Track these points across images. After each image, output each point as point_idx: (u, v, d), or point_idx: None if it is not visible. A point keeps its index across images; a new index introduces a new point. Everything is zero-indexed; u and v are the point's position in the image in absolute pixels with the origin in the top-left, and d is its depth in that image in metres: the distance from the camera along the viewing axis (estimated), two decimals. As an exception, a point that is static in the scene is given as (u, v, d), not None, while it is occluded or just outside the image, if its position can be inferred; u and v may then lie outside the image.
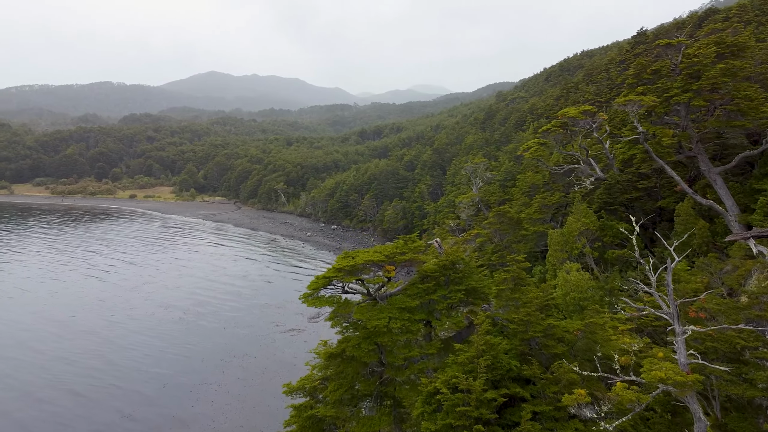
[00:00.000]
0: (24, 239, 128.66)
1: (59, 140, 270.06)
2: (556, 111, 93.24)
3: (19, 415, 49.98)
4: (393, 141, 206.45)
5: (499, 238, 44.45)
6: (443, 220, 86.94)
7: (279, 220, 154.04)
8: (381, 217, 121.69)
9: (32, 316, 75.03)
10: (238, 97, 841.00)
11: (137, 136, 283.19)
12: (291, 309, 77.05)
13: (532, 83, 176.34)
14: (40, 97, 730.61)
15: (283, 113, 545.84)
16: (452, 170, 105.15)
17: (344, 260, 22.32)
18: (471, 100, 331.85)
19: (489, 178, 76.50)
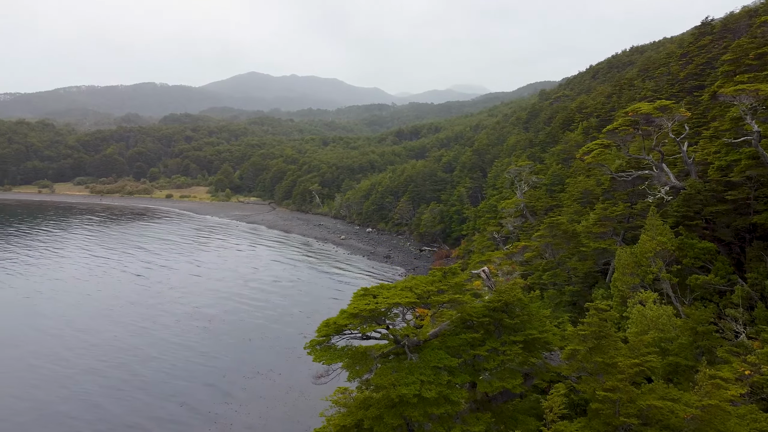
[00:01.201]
0: (64, 239, 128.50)
1: (100, 140, 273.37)
2: (608, 109, 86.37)
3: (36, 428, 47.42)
4: (431, 141, 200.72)
5: (551, 254, 38.73)
6: (484, 227, 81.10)
7: (313, 222, 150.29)
8: (417, 221, 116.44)
9: (63, 320, 73.17)
10: (278, 97, 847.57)
11: (175, 136, 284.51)
12: (319, 319, 70.87)
13: (578, 81, 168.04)
14: (87, 97, 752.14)
15: (321, 113, 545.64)
16: (493, 172, 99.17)
17: (362, 300, 17.21)
18: (511, 100, 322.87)
19: (534, 182, 70.43)
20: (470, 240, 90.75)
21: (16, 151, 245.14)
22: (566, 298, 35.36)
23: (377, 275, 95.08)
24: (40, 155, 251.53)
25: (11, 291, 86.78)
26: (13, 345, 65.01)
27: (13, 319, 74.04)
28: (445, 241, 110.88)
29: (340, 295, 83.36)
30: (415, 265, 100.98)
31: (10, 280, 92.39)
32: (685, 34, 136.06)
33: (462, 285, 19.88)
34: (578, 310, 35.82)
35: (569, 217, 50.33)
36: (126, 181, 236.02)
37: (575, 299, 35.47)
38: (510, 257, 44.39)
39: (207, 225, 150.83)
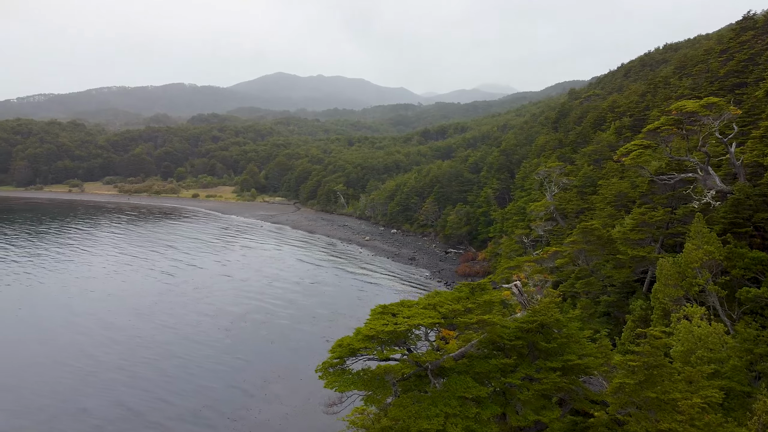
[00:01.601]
0: (94, 237, 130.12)
1: (129, 140, 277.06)
2: (642, 108, 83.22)
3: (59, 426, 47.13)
4: (457, 141, 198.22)
5: (584, 261, 36.55)
6: (512, 230, 78.83)
7: (337, 223, 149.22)
8: (443, 222, 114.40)
9: (91, 317, 73.41)
10: (304, 98, 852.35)
11: (202, 136, 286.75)
12: (343, 322, 71.16)
13: (609, 80, 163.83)
14: (118, 98, 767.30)
15: (347, 113, 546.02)
16: (522, 173, 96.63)
17: (379, 320, 15.53)
18: (539, 99, 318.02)
19: (565, 184, 67.89)
20: (497, 242, 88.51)
21: (47, 150, 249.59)
22: (601, 308, 33.22)
23: (402, 277, 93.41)
24: (71, 155, 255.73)
25: (43, 288, 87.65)
26: (42, 342, 65.01)
27: (43, 316, 74.34)
28: (471, 243, 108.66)
29: (364, 297, 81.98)
30: (441, 267, 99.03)
31: (43, 278, 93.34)
32: (723, 30, 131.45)
33: (492, 303, 18.00)
34: (614, 321, 33.65)
35: (603, 221, 47.95)
36: (153, 180, 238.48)
37: (611, 310, 33.32)
38: (540, 263, 42.29)
39: (232, 225, 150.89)
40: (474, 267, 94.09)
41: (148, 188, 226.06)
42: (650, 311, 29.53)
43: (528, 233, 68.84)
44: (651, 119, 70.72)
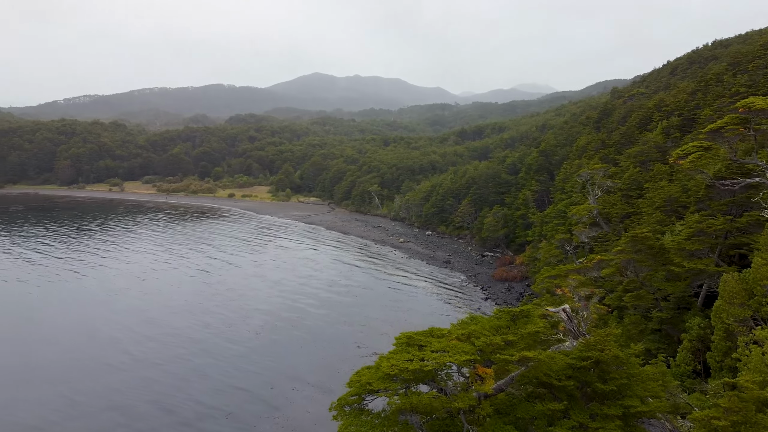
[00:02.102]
0: (134, 236, 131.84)
1: (168, 140, 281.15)
2: (692, 107, 78.92)
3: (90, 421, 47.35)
4: (494, 142, 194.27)
5: (633, 271, 33.70)
6: (552, 234, 75.63)
7: (371, 224, 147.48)
8: (479, 225, 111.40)
9: (129, 315, 74.03)
10: (341, 98, 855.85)
11: (239, 136, 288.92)
12: (375, 327, 69.28)
13: (654, 78, 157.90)
14: (159, 98, 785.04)
15: (383, 113, 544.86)
16: (562, 175, 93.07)
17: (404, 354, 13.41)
18: (579, 99, 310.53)
19: (608, 187, 64.44)
20: (536, 247, 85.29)
21: (90, 150, 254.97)
22: (652, 325, 30.41)
23: (437, 281, 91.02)
24: (112, 154, 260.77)
25: (84, 285, 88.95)
26: (80, 338, 65.50)
27: (83, 313, 75.06)
28: (508, 247, 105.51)
29: (397, 301, 79.92)
30: (477, 271, 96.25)
31: (84, 275, 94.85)
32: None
33: (538, 334, 15.63)
34: (667, 340, 30.73)
35: (651, 227, 44.78)
36: (191, 180, 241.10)
37: (663, 327, 30.47)
38: (584, 272, 39.46)
39: (267, 225, 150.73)
40: (511, 271, 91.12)
41: (185, 187, 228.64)
42: (710, 331, 26.67)
43: (569, 238, 65.66)
44: (703, 119, 66.74)
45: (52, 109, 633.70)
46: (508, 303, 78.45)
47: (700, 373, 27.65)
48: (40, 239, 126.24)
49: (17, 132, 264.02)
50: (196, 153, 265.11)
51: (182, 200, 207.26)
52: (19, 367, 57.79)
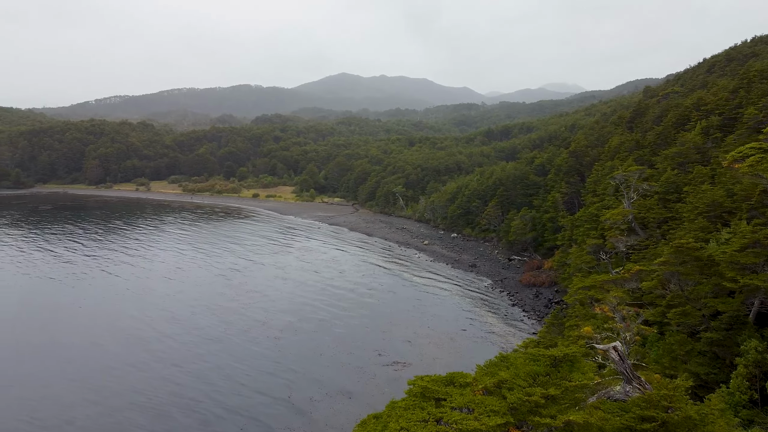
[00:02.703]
0: (159, 236, 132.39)
1: (194, 140, 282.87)
2: (733, 106, 74.77)
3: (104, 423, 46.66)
4: (522, 142, 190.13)
5: (677, 285, 30.71)
6: (582, 238, 72.31)
7: (395, 225, 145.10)
8: (506, 228, 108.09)
9: (152, 315, 73.49)
10: (367, 98, 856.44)
11: (264, 136, 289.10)
12: (397, 334, 66.90)
13: (689, 76, 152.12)
14: (188, 99, 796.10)
15: (409, 113, 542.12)
16: (593, 177, 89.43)
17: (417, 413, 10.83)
18: (610, 98, 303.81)
19: (644, 190, 60.98)
20: (566, 251, 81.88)
21: (117, 150, 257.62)
22: (700, 346, 27.46)
23: (462, 285, 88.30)
24: (139, 154, 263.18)
25: (110, 284, 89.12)
26: (97, 343, 64.33)
27: (108, 313, 74.61)
28: (536, 251, 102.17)
29: (421, 307, 77.44)
30: (503, 276, 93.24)
31: (111, 274, 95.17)
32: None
33: (585, 386, 12.94)
34: (717, 363, 27.70)
35: (693, 235, 41.56)
36: (216, 180, 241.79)
37: (713, 348, 27.49)
38: (620, 284, 36.53)
39: (290, 225, 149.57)
40: (539, 276, 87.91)
41: (210, 187, 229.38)
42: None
43: (602, 244, 62.36)
44: (746, 118, 62.92)
45: (84, 109, 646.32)
46: (536, 310, 75.48)
47: (757, 403, 24.65)
48: (69, 237, 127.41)
49: (48, 132, 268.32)
50: (221, 153, 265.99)
51: (207, 200, 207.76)
52: (41, 365, 57.08)
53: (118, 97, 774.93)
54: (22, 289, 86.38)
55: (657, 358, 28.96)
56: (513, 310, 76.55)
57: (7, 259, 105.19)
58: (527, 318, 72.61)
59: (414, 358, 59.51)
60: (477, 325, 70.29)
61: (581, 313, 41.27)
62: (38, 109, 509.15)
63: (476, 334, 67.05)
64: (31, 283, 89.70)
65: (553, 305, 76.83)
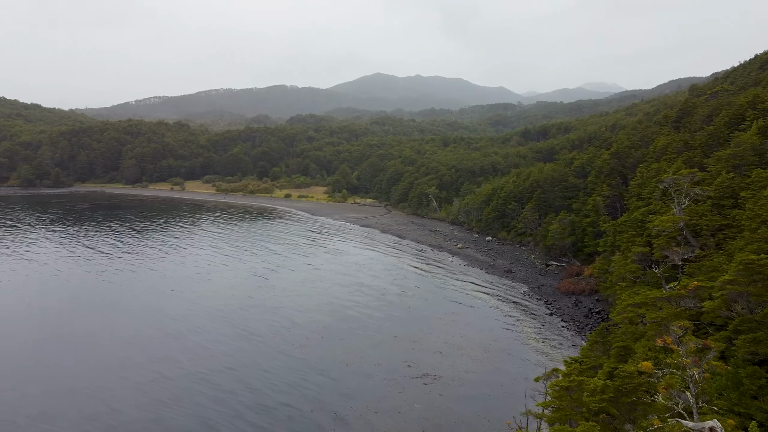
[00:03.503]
0: (194, 236, 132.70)
1: (228, 140, 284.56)
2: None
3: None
4: (560, 142, 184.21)
5: (746, 307, 26.88)
6: (626, 245, 67.76)
7: (428, 228, 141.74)
8: (544, 232, 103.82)
9: (181, 319, 72.14)
10: (401, 98, 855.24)
11: (298, 136, 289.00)
12: (427, 345, 63.65)
13: (740, 74, 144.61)
14: (224, 99, 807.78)
15: (444, 113, 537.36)
16: (637, 180, 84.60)
17: None
18: (652, 97, 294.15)
19: (696, 195, 56.39)
20: (607, 258, 77.35)
21: (154, 150, 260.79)
22: (777, 379, 23.75)
23: (497, 292, 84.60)
24: (175, 154, 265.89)
25: (143, 285, 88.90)
26: (128, 342, 63.72)
27: (136, 316, 73.81)
28: (575, 256, 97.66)
29: (453, 315, 74.10)
30: (540, 283, 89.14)
31: (144, 274, 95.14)
32: None
33: None
34: (798, 400, 23.76)
35: (756, 246, 37.40)
36: (249, 180, 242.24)
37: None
38: (675, 302, 32.71)
39: (321, 227, 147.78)
40: (579, 284, 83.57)
41: (243, 187, 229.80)
42: None
43: (649, 252, 57.98)
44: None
45: (124, 110, 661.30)
46: (576, 320, 71.38)
47: None
48: (105, 236, 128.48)
49: (87, 132, 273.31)
50: (255, 153, 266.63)
51: (239, 200, 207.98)
52: (64, 374, 55.76)
53: (158, 98, 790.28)
54: (53, 289, 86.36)
55: (721, 390, 25.17)
56: (551, 319, 72.61)
57: (42, 258, 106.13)
58: (566, 329, 68.61)
59: (445, 371, 56.28)
60: (513, 336, 66.67)
61: (629, 331, 37.47)
62: (80, 110, 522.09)
63: (512, 346, 63.45)
64: (63, 282, 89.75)
65: (593, 315, 72.70)
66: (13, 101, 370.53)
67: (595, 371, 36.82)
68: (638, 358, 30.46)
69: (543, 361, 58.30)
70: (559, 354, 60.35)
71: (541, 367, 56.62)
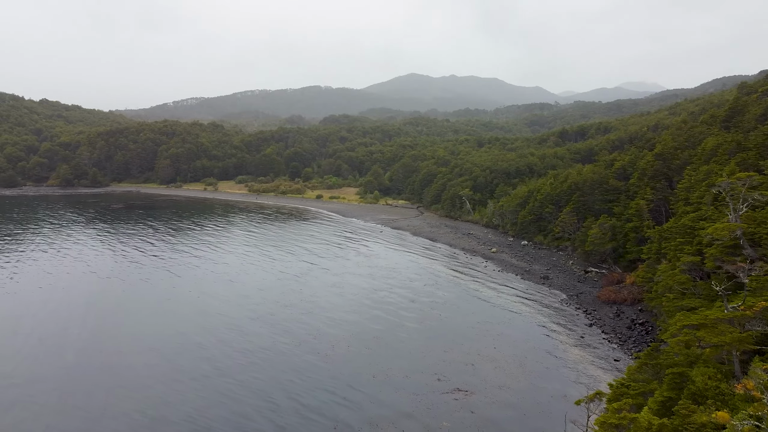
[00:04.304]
0: (227, 236, 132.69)
1: (261, 140, 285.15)
2: None
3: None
4: (600, 143, 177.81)
5: (830, 335, 22.98)
6: (674, 254, 63.19)
7: (461, 231, 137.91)
8: (583, 236, 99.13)
9: (215, 321, 71.33)
10: (436, 98, 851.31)
11: (330, 137, 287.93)
12: (458, 356, 60.23)
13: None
14: (259, 100, 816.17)
15: (478, 113, 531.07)
16: (685, 183, 79.63)
17: None
18: (696, 96, 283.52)
19: (755, 200, 51.63)
20: (652, 267, 72.66)
21: (188, 150, 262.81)
22: None
23: (533, 300, 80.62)
24: (209, 154, 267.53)
25: (177, 286, 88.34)
26: (154, 348, 62.51)
27: (170, 318, 73.06)
28: (616, 263, 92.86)
29: (487, 325, 70.50)
30: (579, 290, 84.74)
31: (174, 278, 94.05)
32: None
33: None
34: None
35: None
36: (281, 180, 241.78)
37: None
38: (740, 323, 28.80)
39: (352, 229, 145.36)
40: (620, 293, 78.95)
41: (275, 188, 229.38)
42: None
43: (700, 262, 53.53)
44: None
45: (162, 110, 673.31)
46: (618, 332, 67.00)
47: None
48: (139, 237, 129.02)
49: (123, 133, 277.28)
50: (287, 153, 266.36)
51: (271, 200, 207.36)
52: (98, 376, 54.83)
53: (194, 99, 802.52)
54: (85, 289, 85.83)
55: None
56: (591, 330, 68.42)
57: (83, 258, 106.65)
58: (608, 341, 64.38)
59: (477, 386, 52.86)
60: (549, 348, 62.81)
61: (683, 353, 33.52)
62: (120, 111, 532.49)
63: (549, 359, 59.58)
64: (97, 283, 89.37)
65: (636, 327, 68.22)
66: (55, 102, 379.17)
67: (645, 398, 33.09)
68: (698, 387, 26.67)
69: (583, 378, 54.45)
70: (601, 370, 56.35)
71: (582, 384, 52.80)
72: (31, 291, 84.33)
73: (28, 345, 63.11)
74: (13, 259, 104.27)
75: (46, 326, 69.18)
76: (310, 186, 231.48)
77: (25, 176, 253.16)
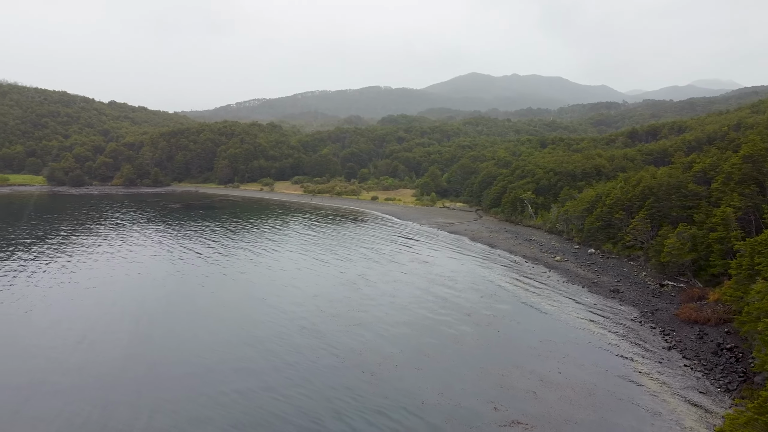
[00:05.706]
0: (283, 238, 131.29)
1: (318, 140, 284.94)
2: None
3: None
4: (674, 144, 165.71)
5: None
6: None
7: (522, 236, 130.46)
8: (658, 246, 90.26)
9: (267, 332, 67.92)
10: (497, 97, 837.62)
11: (388, 137, 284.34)
12: (518, 381, 53.92)
13: None
14: (319, 101, 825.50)
15: (541, 112, 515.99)
16: (781, 189, 70.43)
17: None
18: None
19: None
20: (742, 284, 64.00)
21: (246, 150, 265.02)
22: None
23: (601, 317, 73.20)
24: (266, 155, 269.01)
25: (231, 290, 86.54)
26: (201, 356, 59.65)
27: (214, 327, 69.97)
28: (696, 276, 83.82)
29: (549, 344, 63.77)
30: (654, 307, 76.43)
31: (233, 278, 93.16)
32: None
33: None
34: None
35: None
36: (336, 181, 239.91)
37: None
38: None
39: (407, 233, 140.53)
40: (702, 311, 70.27)
41: (330, 189, 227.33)
42: None
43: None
44: None
45: (225, 112, 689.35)
46: (701, 357, 58.97)
47: None
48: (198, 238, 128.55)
49: (184, 133, 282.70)
50: (344, 154, 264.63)
51: (326, 202, 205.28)
52: (142, 387, 52.09)
53: (256, 100, 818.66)
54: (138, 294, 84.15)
55: None
56: (669, 354, 60.66)
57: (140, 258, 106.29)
58: (690, 368, 56.57)
59: (539, 419, 46.66)
60: (622, 373, 55.75)
61: None
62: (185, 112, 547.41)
63: (621, 388, 52.55)
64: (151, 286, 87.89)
65: (724, 353, 59.88)
66: (123, 104, 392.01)
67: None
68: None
69: (663, 413, 47.40)
70: (685, 404, 49.01)
71: (661, 419, 46.02)
72: (84, 292, 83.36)
73: (79, 349, 61.13)
74: (74, 258, 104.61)
75: (95, 330, 67.29)
76: (366, 187, 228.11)
77: (91, 175, 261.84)
